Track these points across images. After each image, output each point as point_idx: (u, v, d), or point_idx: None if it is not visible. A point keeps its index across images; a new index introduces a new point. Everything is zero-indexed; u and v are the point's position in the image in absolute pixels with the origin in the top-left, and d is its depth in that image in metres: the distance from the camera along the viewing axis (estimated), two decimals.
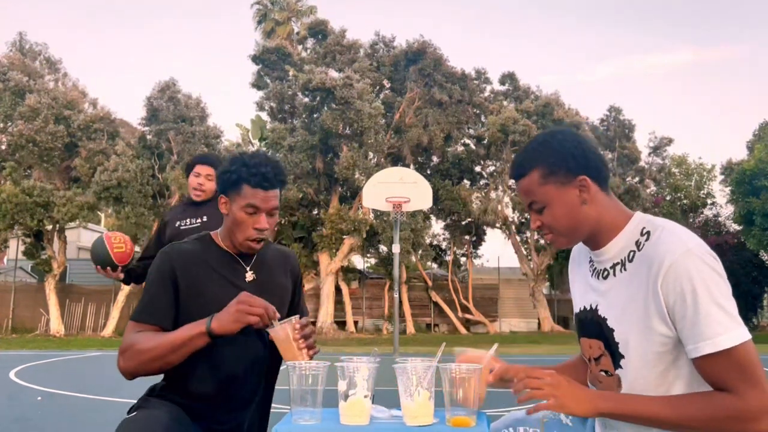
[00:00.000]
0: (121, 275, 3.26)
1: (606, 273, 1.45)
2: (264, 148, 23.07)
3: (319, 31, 24.30)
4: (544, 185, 1.42)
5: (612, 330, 1.40)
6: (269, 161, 1.85)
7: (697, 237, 1.33)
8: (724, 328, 1.23)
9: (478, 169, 24.20)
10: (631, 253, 1.38)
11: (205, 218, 3.38)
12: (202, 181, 3.44)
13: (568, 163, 1.41)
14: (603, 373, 1.47)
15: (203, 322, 1.67)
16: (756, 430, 1.23)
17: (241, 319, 1.64)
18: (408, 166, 21.32)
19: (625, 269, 1.39)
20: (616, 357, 1.40)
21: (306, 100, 21.65)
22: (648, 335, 1.32)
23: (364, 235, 20.59)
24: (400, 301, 18.32)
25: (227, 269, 1.88)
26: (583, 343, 1.54)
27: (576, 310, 1.57)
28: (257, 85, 23.74)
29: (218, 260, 1.88)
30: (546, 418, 1.64)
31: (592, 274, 1.50)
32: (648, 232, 1.37)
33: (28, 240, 20.76)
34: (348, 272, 23.45)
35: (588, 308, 1.49)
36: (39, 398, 7.29)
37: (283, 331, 1.67)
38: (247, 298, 1.66)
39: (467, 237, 24.13)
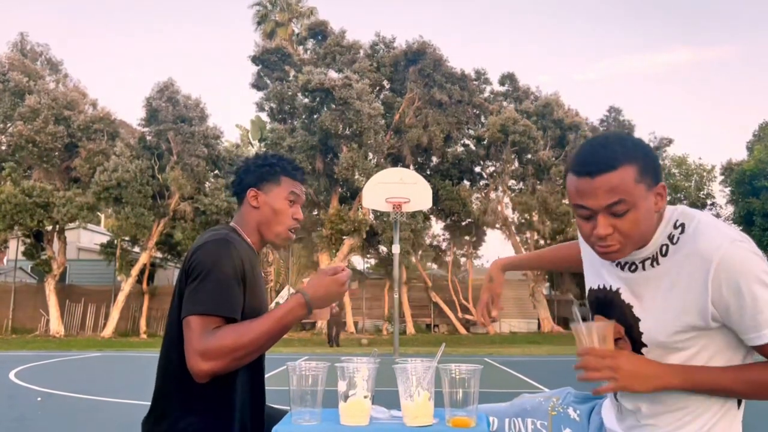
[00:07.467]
0: None
1: (634, 267, 1.40)
2: (264, 149, 23.07)
3: (319, 31, 24.32)
4: (639, 184, 1.27)
5: (638, 319, 1.39)
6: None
7: (733, 227, 1.36)
8: None
9: (478, 169, 24.20)
10: (664, 248, 1.35)
11: None
12: None
13: (656, 167, 1.32)
14: None
15: (299, 301, 1.63)
16: None
17: (336, 299, 1.66)
18: (408, 166, 21.31)
19: (657, 263, 1.37)
20: (637, 345, 1.40)
21: (306, 100, 21.65)
22: (678, 328, 1.32)
23: (364, 236, 20.59)
24: (400, 302, 18.31)
25: (257, 266, 1.87)
26: (598, 320, 1.50)
27: (593, 286, 1.54)
28: (257, 85, 23.74)
29: (254, 257, 1.85)
30: (554, 411, 1.64)
31: (611, 263, 1.45)
32: (682, 225, 1.34)
33: (28, 240, 20.76)
34: None
35: (608, 288, 1.46)
36: (39, 398, 7.29)
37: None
38: (344, 278, 1.67)
39: (467, 237, 24.11)
